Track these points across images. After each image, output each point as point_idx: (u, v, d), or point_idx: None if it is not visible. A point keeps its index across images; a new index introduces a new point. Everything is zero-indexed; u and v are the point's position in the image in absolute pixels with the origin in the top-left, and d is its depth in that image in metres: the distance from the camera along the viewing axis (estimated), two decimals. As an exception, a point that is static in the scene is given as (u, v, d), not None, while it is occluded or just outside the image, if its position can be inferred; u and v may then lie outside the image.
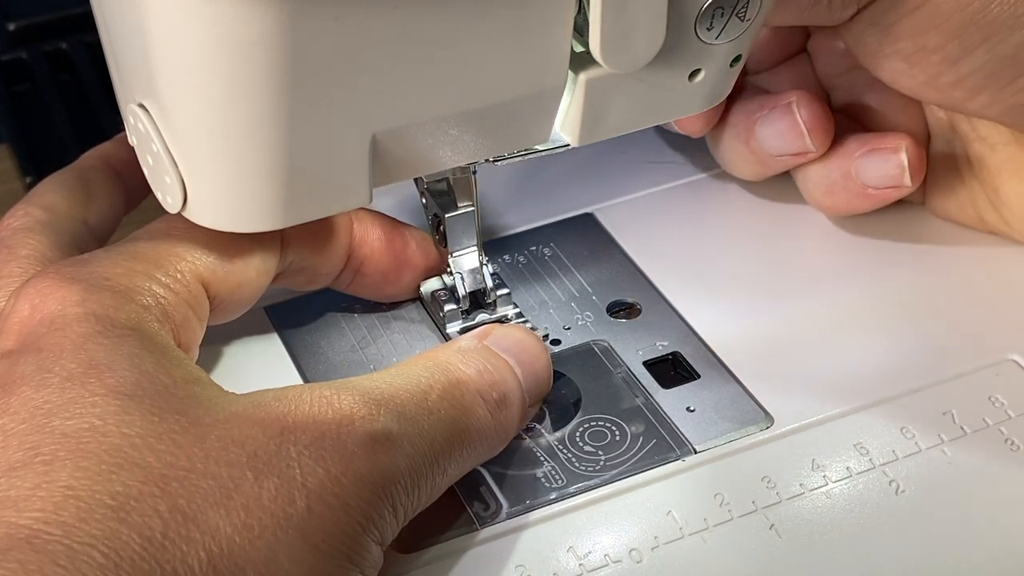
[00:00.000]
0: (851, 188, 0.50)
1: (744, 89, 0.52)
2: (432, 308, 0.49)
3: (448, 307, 0.48)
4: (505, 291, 0.48)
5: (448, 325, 0.48)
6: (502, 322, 0.48)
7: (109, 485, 0.33)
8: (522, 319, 0.48)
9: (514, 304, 0.48)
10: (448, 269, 0.48)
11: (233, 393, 0.38)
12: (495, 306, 0.48)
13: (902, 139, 0.49)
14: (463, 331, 0.48)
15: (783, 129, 0.49)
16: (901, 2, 0.44)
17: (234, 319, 0.44)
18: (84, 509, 0.33)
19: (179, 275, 0.40)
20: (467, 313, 0.48)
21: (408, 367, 0.40)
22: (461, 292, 0.47)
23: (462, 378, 0.40)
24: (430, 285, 0.49)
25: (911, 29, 0.45)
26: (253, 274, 0.43)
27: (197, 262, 0.41)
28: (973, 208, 0.51)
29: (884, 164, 0.49)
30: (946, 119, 0.51)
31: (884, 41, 0.45)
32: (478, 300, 0.48)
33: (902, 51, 0.45)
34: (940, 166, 0.52)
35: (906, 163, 0.49)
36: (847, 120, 0.52)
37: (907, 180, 0.49)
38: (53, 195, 0.45)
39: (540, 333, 0.48)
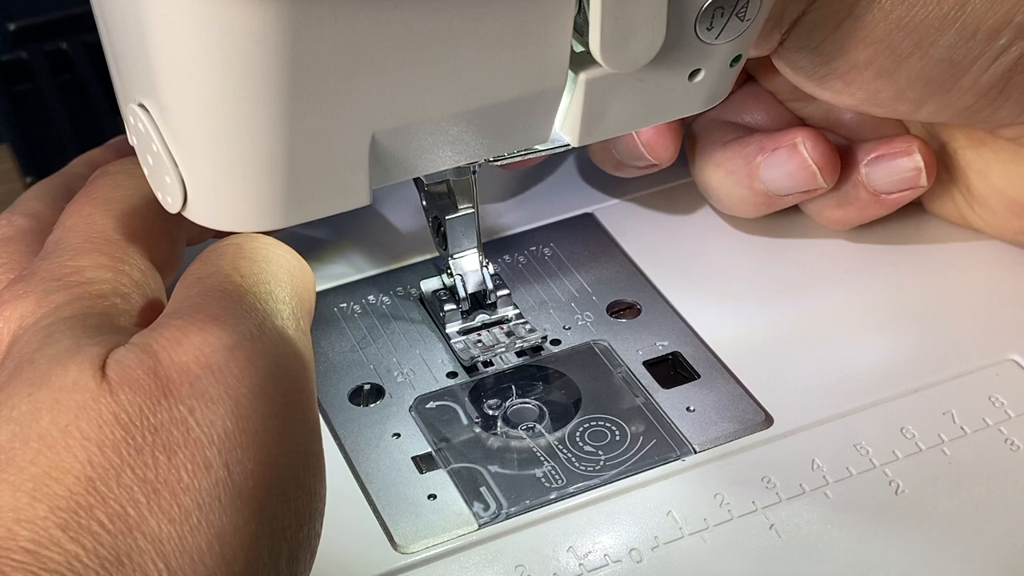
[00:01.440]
0: (863, 197, 0.49)
1: (715, 126, 0.51)
2: (432, 307, 0.49)
3: (448, 307, 0.48)
4: (505, 292, 0.48)
5: (448, 325, 0.48)
6: (502, 323, 0.48)
7: (50, 500, 0.32)
8: (522, 320, 0.48)
9: (514, 305, 0.48)
10: (448, 271, 0.48)
11: (107, 353, 0.35)
12: (495, 307, 0.48)
13: (911, 140, 0.49)
14: (463, 331, 0.48)
15: (792, 170, 0.49)
16: (824, 20, 0.44)
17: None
18: (36, 531, 0.31)
19: (126, 255, 0.39)
20: (467, 313, 0.48)
21: (192, 284, 0.38)
22: (461, 294, 0.47)
23: (228, 249, 0.39)
24: (430, 285, 0.49)
25: (839, 46, 0.44)
26: (179, 233, 0.42)
27: (136, 240, 0.40)
28: (955, 208, 0.51)
29: (898, 167, 0.49)
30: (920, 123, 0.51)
31: (816, 62, 0.45)
32: (478, 300, 0.48)
33: (836, 70, 0.45)
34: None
35: (922, 163, 0.49)
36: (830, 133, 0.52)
37: (923, 180, 0.49)
38: (38, 203, 0.45)
39: (540, 333, 0.48)
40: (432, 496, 0.43)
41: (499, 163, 0.43)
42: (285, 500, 0.34)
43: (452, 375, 0.47)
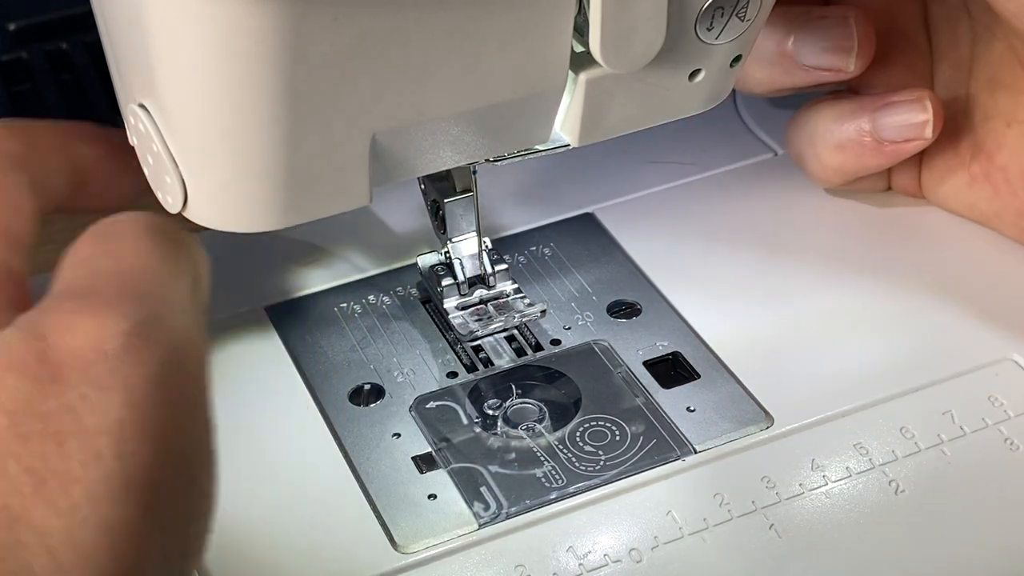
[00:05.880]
0: (864, 143, 0.49)
1: None
2: (430, 283, 0.49)
3: (446, 281, 0.47)
4: (503, 267, 0.48)
5: (446, 300, 0.48)
6: (499, 298, 0.48)
7: None
8: (520, 294, 0.48)
9: (512, 279, 0.48)
10: (447, 255, 0.48)
11: None
12: (494, 279, 0.48)
13: (924, 90, 0.48)
14: (460, 306, 0.48)
15: (834, 37, 0.48)
16: None
17: (234, 318, 0.44)
18: None
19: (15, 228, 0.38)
20: (464, 287, 0.48)
21: (85, 261, 0.36)
22: (460, 278, 0.47)
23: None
24: (427, 260, 0.49)
25: None
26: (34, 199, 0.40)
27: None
28: (967, 191, 0.51)
29: (906, 115, 0.48)
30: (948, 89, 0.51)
31: None
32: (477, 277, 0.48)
33: None
34: (936, 145, 0.51)
35: (931, 113, 0.48)
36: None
37: (929, 132, 0.48)
38: None
39: (539, 307, 0.48)
40: (432, 496, 0.43)
41: (499, 163, 0.43)
42: (177, 494, 0.33)
43: (452, 375, 0.47)
